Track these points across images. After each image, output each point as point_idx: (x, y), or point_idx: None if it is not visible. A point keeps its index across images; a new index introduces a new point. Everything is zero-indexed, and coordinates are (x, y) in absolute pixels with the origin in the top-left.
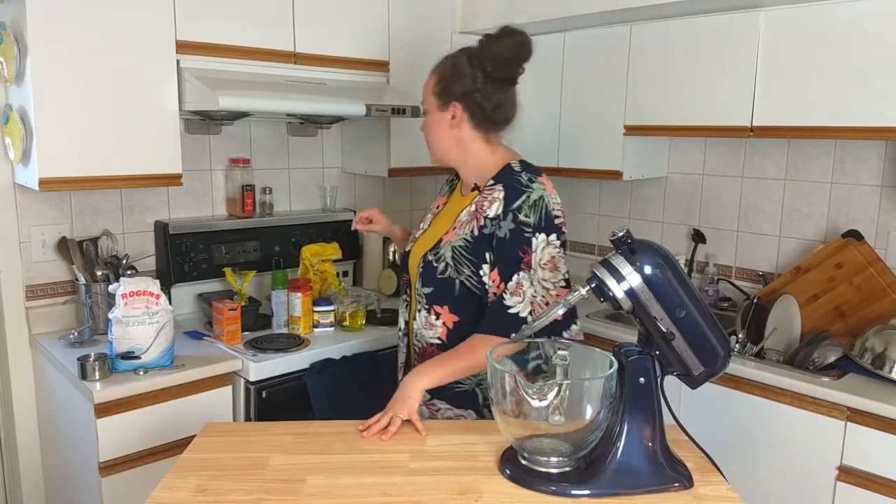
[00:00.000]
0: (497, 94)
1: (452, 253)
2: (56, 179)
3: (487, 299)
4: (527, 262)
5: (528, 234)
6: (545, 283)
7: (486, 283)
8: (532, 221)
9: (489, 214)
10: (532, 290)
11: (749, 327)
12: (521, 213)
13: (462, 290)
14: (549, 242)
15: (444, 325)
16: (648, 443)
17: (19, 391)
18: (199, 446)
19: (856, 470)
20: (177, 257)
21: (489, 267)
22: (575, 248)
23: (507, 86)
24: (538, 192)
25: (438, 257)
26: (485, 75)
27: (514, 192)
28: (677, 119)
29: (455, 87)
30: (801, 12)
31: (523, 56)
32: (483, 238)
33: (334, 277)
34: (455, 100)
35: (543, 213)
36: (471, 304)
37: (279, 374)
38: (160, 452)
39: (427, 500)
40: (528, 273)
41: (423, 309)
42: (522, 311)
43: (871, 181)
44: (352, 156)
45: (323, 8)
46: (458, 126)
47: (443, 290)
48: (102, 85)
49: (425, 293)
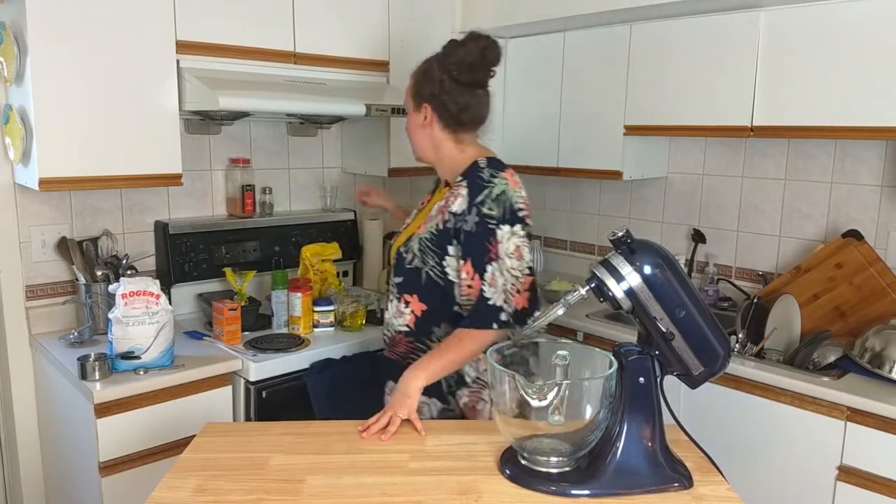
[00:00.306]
0: (463, 97)
1: (419, 245)
2: (56, 179)
3: (455, 290)
4: (496, 253)
5: (493, 226)
6: (513, 272)
7: (449, 273)
8: (496, 214)
9: (453, 209)
10: (503, 279)
11: (749, 327)
12: (485, 206)
13: (428, 280)
14: (514, 233)
15: (413, 313)
16: (648, 443)
17: (19, 391)
18: (199, 446)
19: (856, 470)
20: (177, 257)
21: (454, 260)
22: (575, 248)
23: (473, 88)
24: (500, 187)
25: (408, 249)
26: (451, 79)
27: (476, 188)
28: (677, 119)
29: (425, 90)
30: (801, 12)
31: (489, 60)
32: (447, 232)
33: (334, 277)
34: (425, 101)
35: (507, 205)
36: (437, 294)
37: (279, 374)
38: (160, 452)
39: (427, 500)
40: (499, 263)
41: (394, 298)
42: (497, 301)
43: (871, 181)
44: (352, 156)
45: (323, 8)
46: (429, 126)
47: (411, 279)
48: (102, 85)
49: (397, 283)
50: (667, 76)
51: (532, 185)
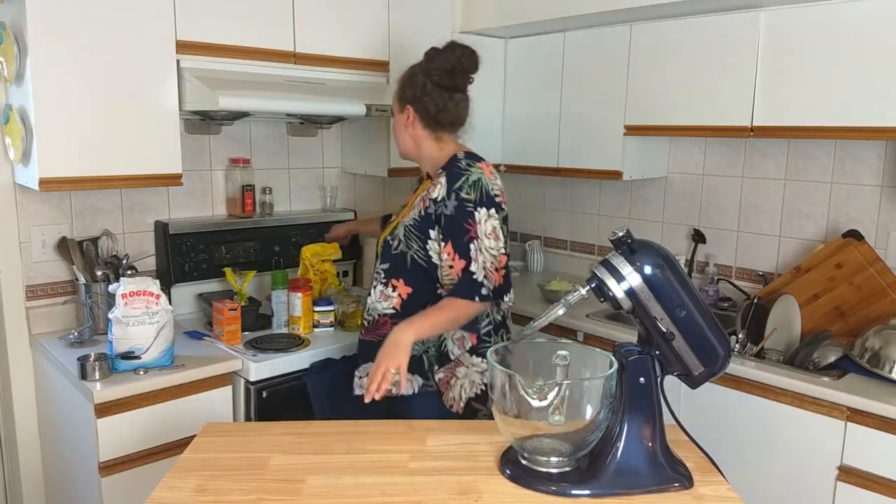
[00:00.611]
0: (441, 99)
1: (404, 231)
2: (56, 179)
3: (438, 272)
4: (475, 233)
5: (470, 209)
6: (491, 251)
7: (432, 256)
8: (473, 198)
9: (434, 197)
10: (482, 257)
11: (749, 327)
12: (462, 192)
13: (413, 263)
14: (490, 215)
15: (399, 296)
16: (648, 443)
17: (19, 391)
18: (199, 446)
19: (856, 470)
20: (177, 257)
21: (436, 243)
22: (575, 249)
23: (451, 92)
24: (476, 175)
25: (394, 237)
26: (431, 83)
27: (454, 176)
28: (677, 119)
29: (408, 93)
30: (801, 12)
31: (466, 67)
32: (428, 217)
33: (334, 277)
34: (408, 103)
35: (483, 191)
36: (421, 276)
37: (279, 374)
38: (160, 452)
39: (427, 500)
40: (478, 243)
41: (379, 284)
42: (479, 276)
43: (871, 181)
44: (351, 156)
45: (323, 8)
46: (412, 125)
47: (397, 264)
48: (102, 85)
49: (383, 269)
50: (667, 76)
51: (532, 185)
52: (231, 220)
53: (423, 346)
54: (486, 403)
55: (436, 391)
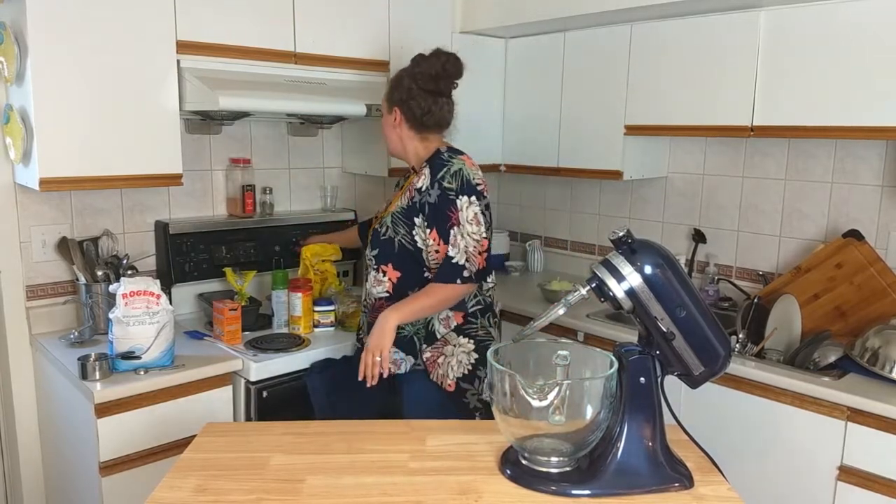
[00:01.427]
0: (426, 103)
1: (392, 218)
2: (56, 179)
3: (424, 256)
4: (456, 220)
5: (452, 197)
6: (473, 236)
7: (418, 241)
8: (454, 187)
9: (418, 186)
10: (464, 242)
11: (749, 327)
12: (444, 181)
13: (400, 248)
14: (472, 203)
15: (390, 280)
16: (649, 443)
17: (20, 391)
18: (200, 446)
19: (856, 470)
20: (177, 257)
21: (421, 230)
22: (575, 248)
23: (436, 96)
24: (457, 165)
25: (382, 224)
26: (417, 87)
27: (437, 167)
28: (677, 119)
29: (395, 95)
30: (801, 12)
31: (449, 73)
32: (413, 206)
33: (334, 277)
34: (395, 105)
35: (464, 180)
36: (408, 260)
37: (279, 374)
38: (160, 452)
39: (427, 500)
40: (460, 228)
41: (372, 270)
42: (460, 260)
43: (871, 181)
44: (352, 156)
45: (323, 8)
46: (399, 126)
47: (385, 249)
48: (103, 85)
49: (374, 255)
50: (667, 76)
51: (532, 185)
52: (231, 220)
53: (414, 328)
54: (473, 383)
55: (423, 371)
